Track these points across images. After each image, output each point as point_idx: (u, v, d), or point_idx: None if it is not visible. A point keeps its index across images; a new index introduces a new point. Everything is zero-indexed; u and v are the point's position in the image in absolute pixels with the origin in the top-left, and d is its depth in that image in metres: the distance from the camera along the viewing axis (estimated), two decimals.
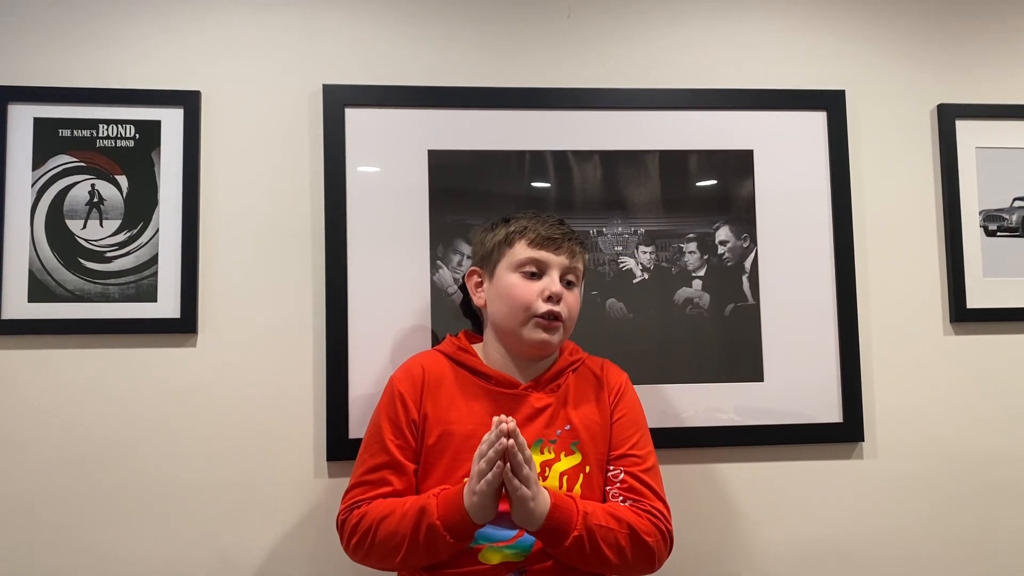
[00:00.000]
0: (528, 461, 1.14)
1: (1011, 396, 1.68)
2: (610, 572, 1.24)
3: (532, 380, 1.34)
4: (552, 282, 1.30)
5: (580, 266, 1.35)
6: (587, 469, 1.28)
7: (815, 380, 1.62)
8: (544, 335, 1.30)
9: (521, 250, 1.32)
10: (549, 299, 1.30)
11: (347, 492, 1.29)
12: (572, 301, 1.33)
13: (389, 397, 1.32)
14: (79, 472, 1.50)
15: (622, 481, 1.29)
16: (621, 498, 1.28)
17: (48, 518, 1.49)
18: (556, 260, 1.32)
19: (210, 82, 1.59)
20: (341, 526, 1.27)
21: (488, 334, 1.38)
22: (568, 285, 1.33)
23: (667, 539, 1.27)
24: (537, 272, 1.31)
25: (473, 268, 1.40)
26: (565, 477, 1.27)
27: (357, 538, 1.23)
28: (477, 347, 1.39)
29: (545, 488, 1.19)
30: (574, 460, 1.28)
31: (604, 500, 1.30)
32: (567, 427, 1.30)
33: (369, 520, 1.22)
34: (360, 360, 1.54)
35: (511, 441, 1.12)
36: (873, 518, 1.63)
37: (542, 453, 1.28)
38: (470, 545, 1.21)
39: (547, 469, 1.26)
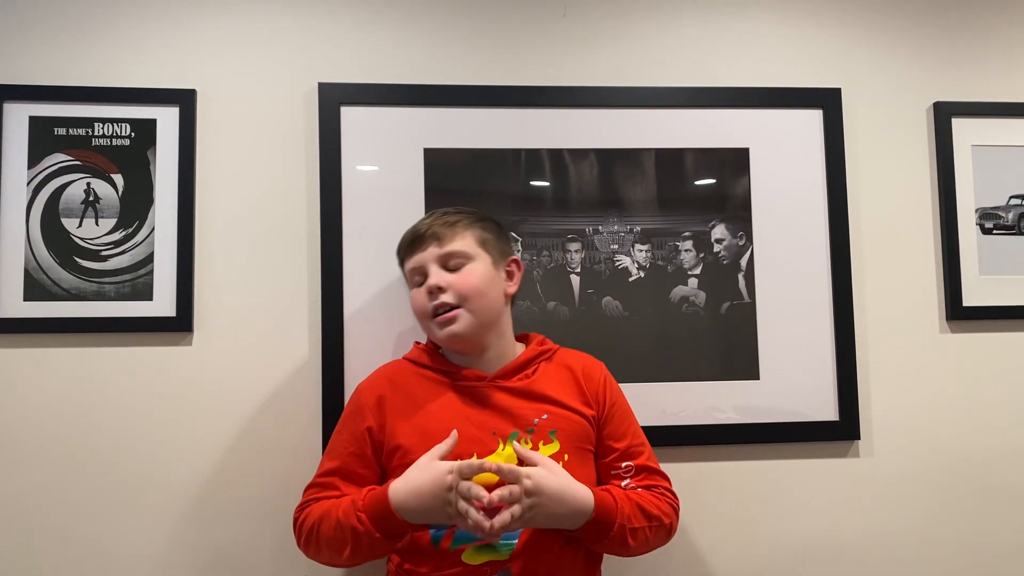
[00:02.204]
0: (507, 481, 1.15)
1: (1007, 394, 1.68)
2: (629, 556, 1.29)
3: (499, 371, 1.33)
4: (429, 277, 1.31)
5: (459, 246, 1.31)
6: (566, 457, 1.27)
7: (811, 378, 1.62)
8: (447, 329, 1.29)
9: (405, 265, 1.36)
10: (431, 294, 1.30)
11: (304, 490, 1.31)
12: (460, 281, 1.30)
13: (351, 405, 1.34)
14: (75, 470, 1.50)
15: (634, 474, 1.31)
16: (641, 490, 1.31)
17: (44, 516, 1.49)
18: (427, 256, 1.32)
19: (206, 80, 1.59)
20: (294, 523, 1.30)
21: None
22: (456, 268, 1.31)
23: (678, 514, 1.34)
24: (421, 279, 1.33)
25: None
26: None
27: (305, 536, 1.26)
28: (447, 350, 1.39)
29: (583, 485, 1.21)
30: (553, 448, 1.27)
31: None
32: (544, 416, 1.29)
33: (311, 521, 1.25)
34: (356, 358, 1.53)
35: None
36: (868, 516, 1.63)
37: (519, 444, 1.26)
38: (451, 547, 1.22)
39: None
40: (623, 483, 1.31)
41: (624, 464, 1.32)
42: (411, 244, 1.34)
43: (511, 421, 1.28)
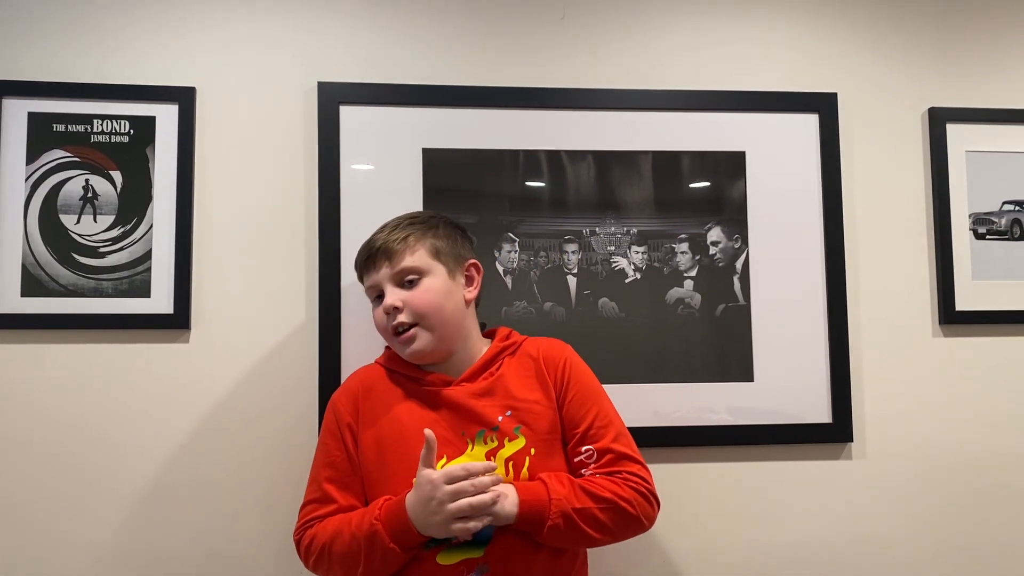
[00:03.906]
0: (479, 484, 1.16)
1: (999, 398, 1.70)
2: (598, 545, 1.26)
3: (465, 373, 1.32)
4: (385, 296, 1.31)
5: (412, 262, 1.30)
6: (532, 451, 1.26)
7: (805, 381, 1.63)
8: (409, 347, 1.31)
9: (363, 282, 1.36)
10: (389, 315, 1.30)
11: (300, 509, 1.31)
12: (417, 299, 1.29)
13: (328, 412, 1.35)
14: (71, 467, 1.51)
15: (596, 459, 1.27)
16: (598, 475, 1.26)
17: (39, 513, 1.50)
18: (381, 275, 1.31)
19: (206, 78, 1.60)
20: (297, 544, 1.29)
21: None
22: (410, 284, 1.31)
23: (650, 499, 1.26)
24: (380, 294, 1.32)
25: None
26: (511, 463, 1.25)
27: (315, 557, 1.26)
28: None
29: (511, 483, 1.21)
30: (518, 444, 1.26)
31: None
32: (508, 413, 1.28)
33: (320, 541, 1.24)
34: (354, 357, 1.53)
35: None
36: (861, 519, 1.64)
37: (485, 443, 1.26)
38: (427, 547, 1.21)
39: (491, 458, 1.24)
40: (584, 471, 1.26)
41: (584, 449, 1.27)
42: (365, 263, 1.34)
43: (476, 421, 1.27)
